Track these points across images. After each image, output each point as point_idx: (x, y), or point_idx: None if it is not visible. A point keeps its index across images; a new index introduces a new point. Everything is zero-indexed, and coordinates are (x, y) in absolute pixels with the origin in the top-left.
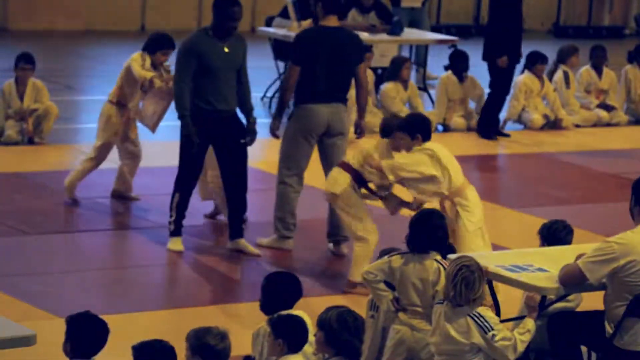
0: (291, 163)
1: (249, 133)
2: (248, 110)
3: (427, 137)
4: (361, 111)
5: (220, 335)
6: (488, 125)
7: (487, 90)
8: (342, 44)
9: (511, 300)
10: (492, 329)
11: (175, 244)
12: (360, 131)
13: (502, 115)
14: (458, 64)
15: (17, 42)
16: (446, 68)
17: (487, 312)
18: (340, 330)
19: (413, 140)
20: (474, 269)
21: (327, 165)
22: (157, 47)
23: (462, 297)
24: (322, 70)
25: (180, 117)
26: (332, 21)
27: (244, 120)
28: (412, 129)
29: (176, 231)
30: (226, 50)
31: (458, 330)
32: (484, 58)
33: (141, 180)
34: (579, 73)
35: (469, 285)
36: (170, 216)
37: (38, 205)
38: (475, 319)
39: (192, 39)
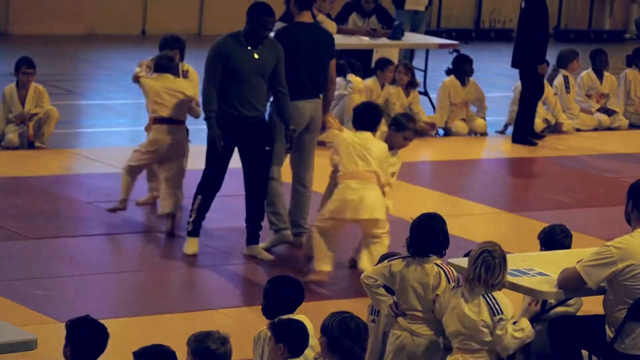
0: (276, 158)
1: (287, 141)
2: (286, 119)
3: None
4: (327, 106)
5: (220, 340)
6: (526, 131)
7: (488, 95)
8: (318, 40)
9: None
10: (501, 313)
11: (191, 245)
12: (323, 126)
13: (502, 119)
14: (462, 68)
15: (19, 46)
16: (448, 72)
17: (502, 298)
18: (342, 337)
19: None
20: (496, 255)
21: (299, 159)
22: (160, 48)
23: (481, 280)
24: (302, 66)
25: (206, 118)
26: (306, 17)
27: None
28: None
29: (194, 231)
30: (256, 56)
31: (472, 310)
32: (514, 65)
33: (145, 184)
34: (580, 77)
35: (489, 269)
36: (190, 216)
37: (39, 209)
38: (488, 299)
39: (220, 42)
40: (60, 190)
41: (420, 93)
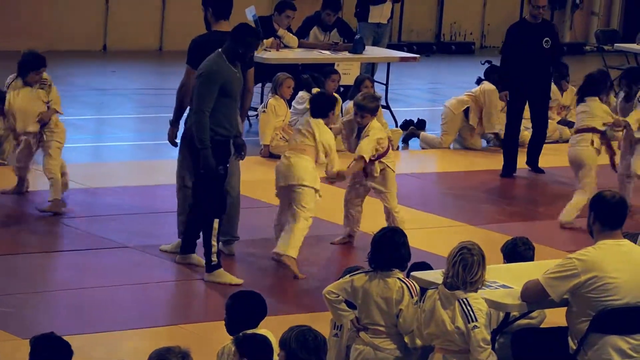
0: (192, 167)
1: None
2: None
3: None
4: (244, 114)
5: (181, 354)
6: None
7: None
8: None
9: None
10: (475, 320)
11: (227, 276)
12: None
13: None
14: (494, 80)
15: None
16: (478, 82)
17: (477, 304)
18: (300, 349)
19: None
20: (475, 252)
21: None
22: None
23: (459, 278)
24: None
25: (203, 148)
26: (224, 26)
27: None
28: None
29: (220, 264)
30: (238, 75)
31: (447, 315)
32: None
33: (107, 200)
34: None
35: (467, 267)
36: (212, 247)
37: (0, 226)
38: (463, 305)
39: (215, 65)
40: (21, 207)
41: (382, 107)
